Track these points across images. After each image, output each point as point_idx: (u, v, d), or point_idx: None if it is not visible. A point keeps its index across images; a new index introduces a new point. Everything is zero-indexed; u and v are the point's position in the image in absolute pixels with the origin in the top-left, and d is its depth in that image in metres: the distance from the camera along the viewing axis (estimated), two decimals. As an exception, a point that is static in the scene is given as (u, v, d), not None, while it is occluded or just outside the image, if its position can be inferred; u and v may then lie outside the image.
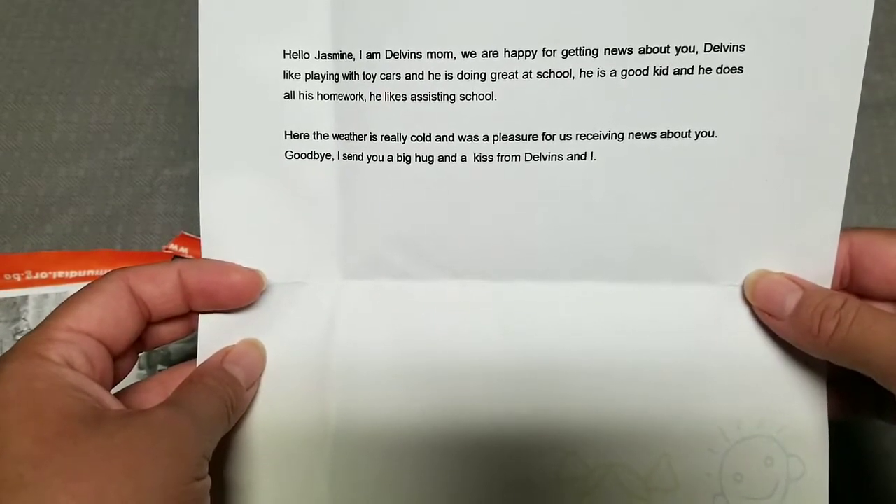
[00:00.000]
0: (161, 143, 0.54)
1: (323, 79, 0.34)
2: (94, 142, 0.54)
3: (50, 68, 0.55)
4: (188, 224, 0.52)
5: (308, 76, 0.34)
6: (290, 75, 0.34)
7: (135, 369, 0.38)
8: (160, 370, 0.46)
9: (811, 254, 0.33)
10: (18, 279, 0.49)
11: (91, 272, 0.49)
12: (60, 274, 0.50)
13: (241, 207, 0.35)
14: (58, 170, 0.53)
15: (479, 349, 0.35)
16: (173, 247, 0.50)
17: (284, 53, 0.34)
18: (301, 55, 0.34)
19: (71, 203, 0.52)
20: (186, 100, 0.55)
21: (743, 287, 0.34)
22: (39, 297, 0.49)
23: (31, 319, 0.48)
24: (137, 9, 0.57)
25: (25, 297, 0.49)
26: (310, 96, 0.34)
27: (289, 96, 0.34)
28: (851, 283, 0.34)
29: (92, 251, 0.51)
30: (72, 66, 0.55)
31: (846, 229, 0.33)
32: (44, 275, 0.50)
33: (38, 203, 0.52)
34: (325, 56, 0.34)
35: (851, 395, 0.35)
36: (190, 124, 0.54)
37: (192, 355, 0.35)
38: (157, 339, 0.35)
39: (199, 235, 0.35)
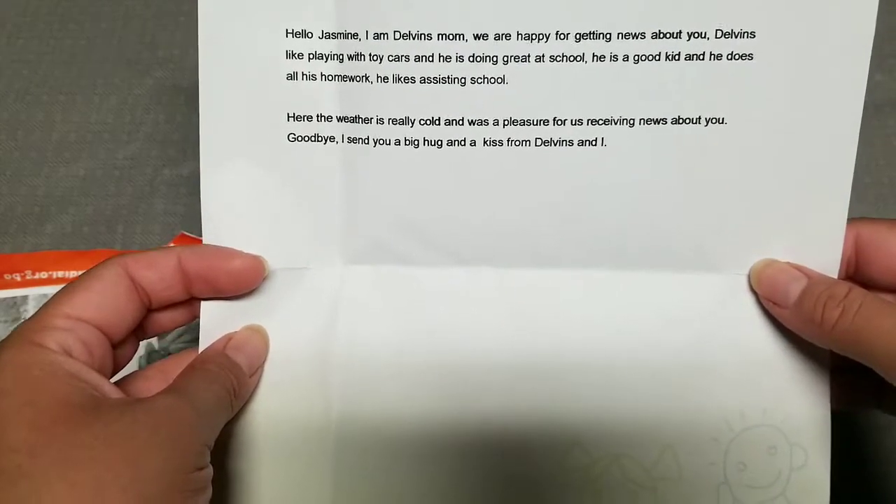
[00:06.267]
0: (161, 143, 0.54)
1: (327, 59, 0.33)
2: (93, 142, 0.54)
3: (50, 68, 0.55)
4: (188, 224, 0.51)
5: (311, 56, 0.33)
6: (293, 55, 0.33)
7: (135, 366, 0.38)
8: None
9: (818, 242, 0.33)
10: (18, 279, 0.49)
11: (90, 272, 0.49)
12: (60, 274, 0.50)
13: (243, 191, 0.34)
14: (58, 170, 0.53)
15: (484, 337, 0.35)
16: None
17: (287, 33, 0.33)
18: (304, 34, 0.33)
19: (71, 203, 0.52)
20: (186, 99, 0.55)
21: (748, 276, 0.34)
22: (39, 297, 0.49)
23: (30, 319, 0.48)
24: (137, 8, 0.57)
25: (25, 297, 0.49)
26: (313, 77, 0.33)
27: (291, 77, 0.33)
28: (857, 272, 0.34)
29: (92, 251, 0.51)
30: (72, 66, 0.56)
31: (853, 219, 0.33)
32: (44, 275, 0.50)
33: (38, 203, 0.52)
34: (329, 36, 0.33)
35: (852, 384, 0.35)
36: (190, 123, 0.54)
37: (194, 353, 0.35)
38: (157, 326, 0.35)
39: (199, 235, 0.35)
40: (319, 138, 0.34)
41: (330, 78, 0.34)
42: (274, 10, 0.33)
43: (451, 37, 0.32)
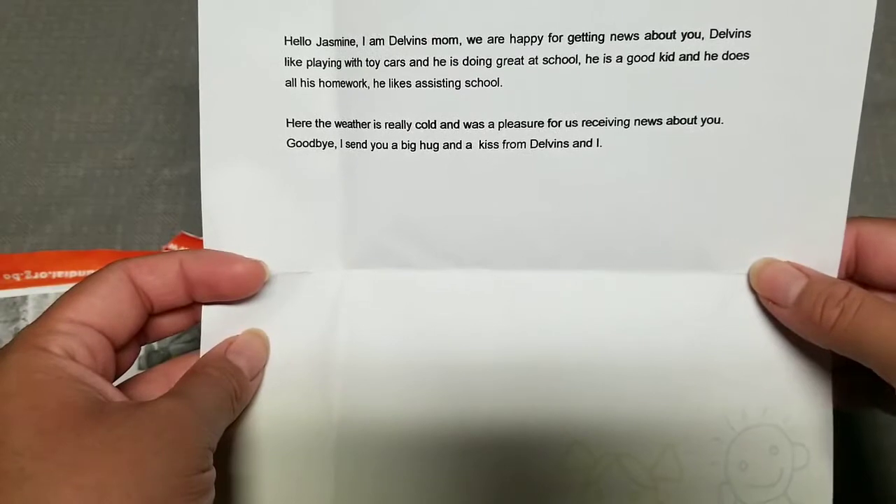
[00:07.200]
0: (160, 143, 0.54)
1: (325, 66, 0.34)
2: (93, 142, 0.54)
3: (50, 68, 0.55)
4: (188, 224, 0.51)
5: (310, 63, 0.33)
6: (292, 62, 0.33)
7: (135, 369, 0.38)
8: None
9: (817, 241, 0.33)
10: (18, 279, 0.49)
11: (90, 272, 0.49)
12: (60, 274, 0.50)
13: (243, 197, 0.34)
14: (57, 170, 0.53)
15: (484, 339, 0.35)
16: (173, 246, 0.50)
17: (285, 40, 0.33)
18: (302, 41, 0.33)
19: (71, 203, 0.52)
20: (186, 99, 0.55)
21: (748, 275, 0.34)
22: (39, 297, 0.49)
23: (30, 319, 0.48)
24: (137, 8, 0.57)
25: (25, 297, 0.49)
26: (311, 83, 0.34)
27: (290, 83, 0.34)
28: (857, 272, 0.34)
29: (91, 251, 0.51)
30: (71, 65, 0.55)
31: (854, 218, 0.33)
32: (43, 275, 0.49)
33: (38, 203, 0.52)
34: (326, 42, 0.33)
35: (850, 383, 0.35)
36: (189, 124, 0.54)
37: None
38: (159, 330, 0.35)
39: (199, 235, 0.35)
40: (318, 143, 0.34)
41: (328, 84, 0.34)
42: (273, 17, 0.33)
43: (445, 40, 0.33)
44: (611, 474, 0.34)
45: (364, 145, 0.34)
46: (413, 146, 0.34)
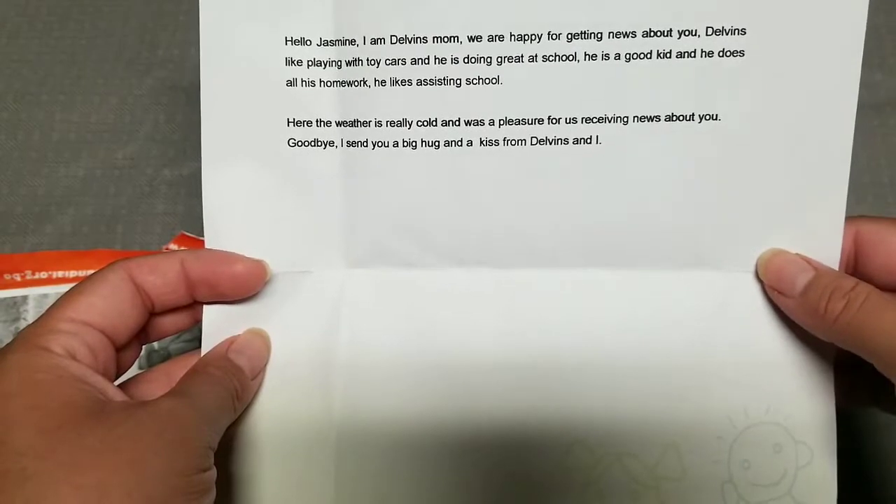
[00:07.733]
0: (161, 143, 0.53)
1: (325, 66, 0.34)
2: (93, 141, 0.54)
3: (50, 68, 0.55)
4: (188, 224, 0.51)
5: (310, 63, 0.34)
6: (292, 62, 0.34)
7: (136, 369, 0.38)
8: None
9: (816, 238, 0.33)
10: (18, 279, 0.49)
11: (91, 272, 0.49)
12: (60, 274, 0.50)
13: (244, 196, 0.34)
14: (58, 170, 0.53)
15: (485, 337, 0.35)
16: (173, 246, 0.50)
17: (286, 40, 0.33)
18: (303, 42, 0.33)
19: (71, 203, 0.52)
20: (186, 99, 0.55)
21: (756, 264, 0.34)
22: (39, 297, 0.49)
23: (30, 319, 0.48)
24: (137, 8, 0.57)
25: (25, 297, 0.49)
26: (312, 83, 0.34)
27: (291, 83, 0.34)
28: (856, 270, 0.34)
29: (92, 251, 0.51)
30: (72, 65, 0.55)
31: (853, 217, 0.33)
32: (43, 275, 0.49)
33: (38, 203, 0.52)
34: (327, 42, 0.34)
35: (850, 381, 0.35)
36: (190, 123, 0.54)
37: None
38: (160, 330, 0.35)
39: (200, 235, 0.35)
40: (319, 143, 0.34)
41: (329, 84, 0.34)
42: (273, 18, 0.33)
43: (445, 39, 0.33)
44: (612, 474, 0.34)
45: (365, 144, 0.34)
46: (414, 144, 0.34)
